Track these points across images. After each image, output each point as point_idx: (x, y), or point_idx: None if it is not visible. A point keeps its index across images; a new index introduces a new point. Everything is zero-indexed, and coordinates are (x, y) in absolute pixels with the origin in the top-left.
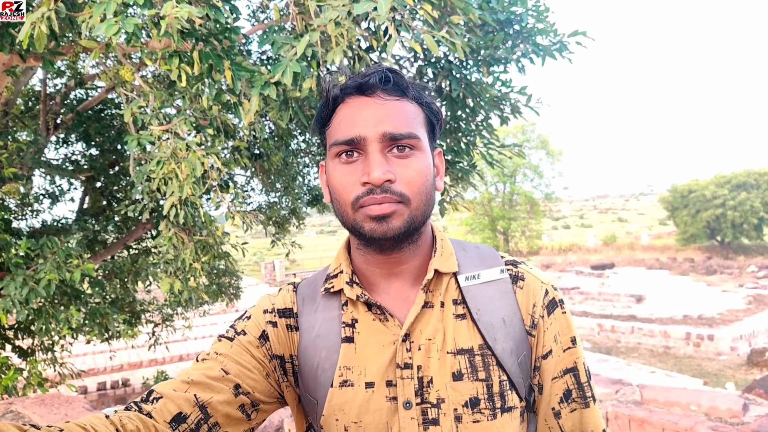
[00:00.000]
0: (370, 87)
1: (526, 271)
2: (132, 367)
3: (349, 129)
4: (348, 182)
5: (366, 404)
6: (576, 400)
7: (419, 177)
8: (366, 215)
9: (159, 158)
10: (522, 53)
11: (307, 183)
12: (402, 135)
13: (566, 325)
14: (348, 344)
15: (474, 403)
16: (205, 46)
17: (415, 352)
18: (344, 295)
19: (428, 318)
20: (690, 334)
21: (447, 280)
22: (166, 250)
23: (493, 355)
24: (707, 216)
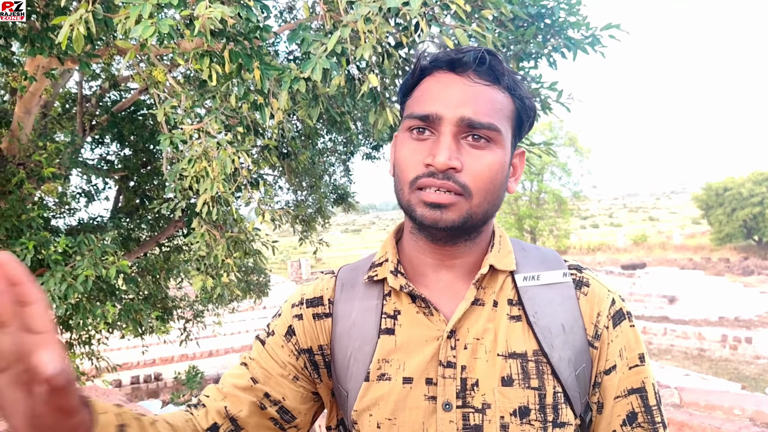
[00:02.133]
0: (463, 65)
1: (592, 277)
2: (164, 361)
3: (428, 104)
4: (413, 160)
5: (403, 400)
6: (642, 425)
7: (489, 172)
8: (420, 199)
9: (191, 157)
10: (553, 48)
11: (333, 182)
12: (481, 124)
13: (634, 340)
14: (388, 336)
15: (523, 412)
16: (235, 45)
17: (460, 351)
18: (387, 285)
19: (477, 316)
20: (726, 337)
21: (503, 278)
22: (199, 247)
23: (549, 363)
24: (744, 214)
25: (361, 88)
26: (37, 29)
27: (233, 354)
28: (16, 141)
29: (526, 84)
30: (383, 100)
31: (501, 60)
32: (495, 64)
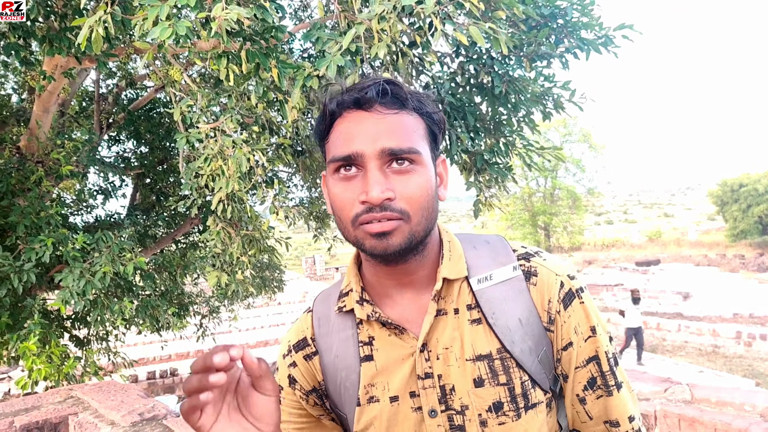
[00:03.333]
0: (368, 101)
1: (539, 264)
2: (179, 357)
3: (347, 145)
4: (347, 199)
5: (394, 417)
6: (601, 387)
7: (420, 192)
8: (366, 232)
9: (207, 155)
10: (566, 48)
11: None
12: (402, 150)
13: (585, 316)
14: (368, 363)
15: (498, 407)
16: (252, 45)
17: (434, 362)
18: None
19: (443, 326)
20: (741, 333)
21: (458, 285)
22: (214, 245)
23: (512, 357)
24: (759, 211)
25: None
26: (55, 29)
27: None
28: (34, 139)
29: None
30: None
31: (401, 85)
32: (397, 92)
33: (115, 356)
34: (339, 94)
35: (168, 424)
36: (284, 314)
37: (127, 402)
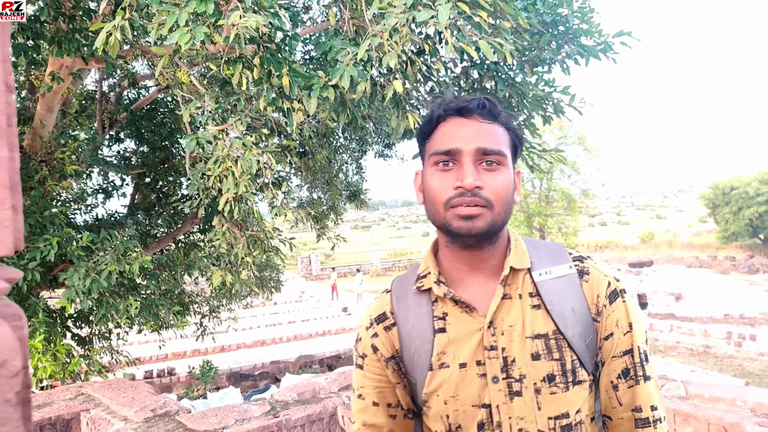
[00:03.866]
0: (469, 111)
1: (591, 266)
2: (176, 356)
3: (448, 142)
4: (443, 186)
5: (461, 381)
6: (632, 377)
7: (503, 187)
8: (455, 214)
9: (216, 157)
10: (567, 54)
11: (346, 179)
12: (492, 151)
13: (626, 313)
14: (441, 334)
15: (551, 378)
16: (265, 52)
17: (498, 337)
18: (433, 294)
19: (508, 308)
20: (731, 334)
21: (522, 275)
22: (220, 245)
23: (565, 338)
24: (750, 213)
25: (386, 94)
26: (63, 31)
27: (245, 349)
28: (38, 138)
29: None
30: (405, 105)
31: (496, 104)
32: (492, 108)
33: (117, 354)
34: (446, 103)
35: (181, 419)
36: (281, 314)
37: (138, 399)
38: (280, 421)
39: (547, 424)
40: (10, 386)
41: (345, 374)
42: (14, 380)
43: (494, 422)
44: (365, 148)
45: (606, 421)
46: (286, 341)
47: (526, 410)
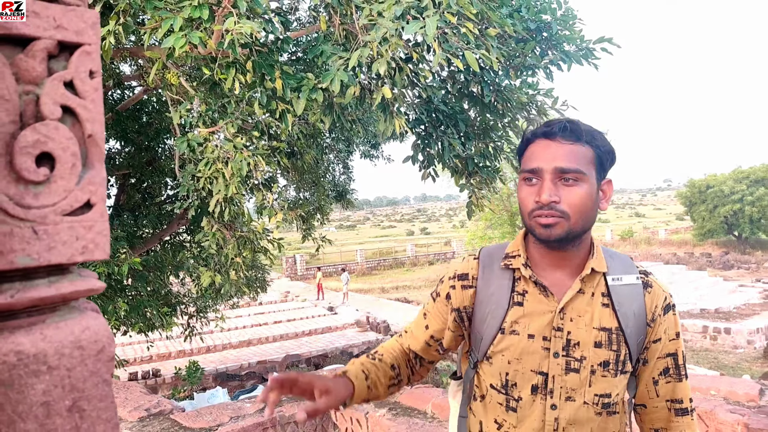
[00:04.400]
0: (553, 134)
1: (654, 281)
2: (161, 358)
3: (533, 162)
4: (527, 199)
5: (527, 348)
6: (672, 376)
7: (579, 201)
8: (537, 222)
9: (207, 159)
10: (550, 60)
11: (333, 179)
12: (569, 170)
13: (674, 324)
14: (518, 306)
15: (605, 364)
16: (258, 56)
17: (566, 322)
18: (519, 272)
19: (580, 301)
20: (707, 328)
21: (599, 277)
22: (209, 245)
23: (623, 335)
24: (725, 211)
25: (375, 98)
26: None
27: (231, 350)
28: None
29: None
30: (393, 110)
31: (578, 124)
32: (574, 129)
33: None
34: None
35: (175, 418)
36: (266, 314)
37: (131, 399)
38: (274, 417)
39: (593, 399)
40: (107, 368)
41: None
42: (110, 364)
43: (547, 388)
44: (352, 149)
45: (640, 409)
46: (273, 341)
47: (578, 384)
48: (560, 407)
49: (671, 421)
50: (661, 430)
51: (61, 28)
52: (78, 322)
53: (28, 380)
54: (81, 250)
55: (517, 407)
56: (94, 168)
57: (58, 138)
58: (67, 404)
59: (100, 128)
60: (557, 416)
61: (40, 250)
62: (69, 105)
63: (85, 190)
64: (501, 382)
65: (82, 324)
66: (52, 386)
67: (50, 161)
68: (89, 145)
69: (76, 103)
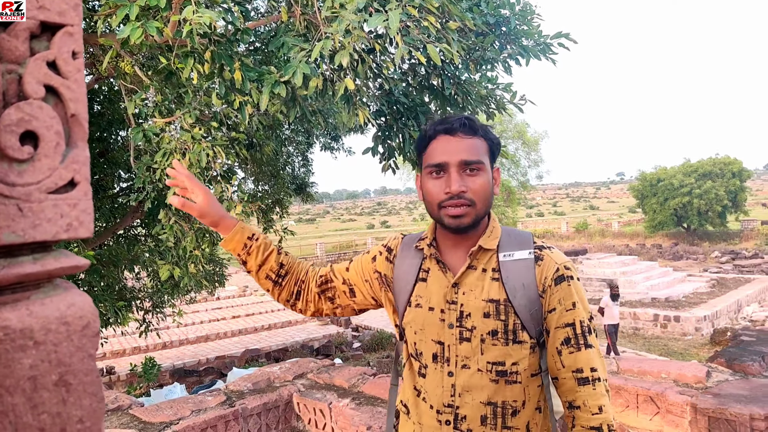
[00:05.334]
0: (453, 129)
1: (548, 254)
2: (115, 355)
3: (439, 156)
4: (435, 191)
5: (428, 319)
6: (573, 346)
7: (482, 188)
8: (446, 214)
9: (165, 150)
10: (509, 54)
11: (292, 172)
12: (472, 161)
13: (569, 294)
14: (422, 282)
15: (494, 333)
16: (217, 47)
17: (459, 295)
18: (425, 252)
19: (473, 276)
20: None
21: (491, 254)
22: (167, 238)
23: (512, 306)
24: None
25: (337, 90)
26: None
27: (188, 345)
28: None
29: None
30: (356, 102)
31: (475, 120)
32: (471, 125)
33: None
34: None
35: (134, 413)
36: (224, 309)
37: None
38: (237, 410)
39: (486, 366)
40: (92, 344)
41: (299, 363)
42: (95, 339)
43: (444, 356)
44: (312, 141)
45: (555, 382)
46: (231, 336)
47: (470, 352)
48: (456, 374)
49: (576, 392)
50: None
51: (43, 8)
52: (63, 299)
53: (14, 355)
54: (65, 228)
55: (425, 374)
56: (78, 147)
57: (41, 117)
58: (54, 378)
59: (83, 108)
60: (454, 382)
61: (25, 227)
62: (52, 84)
63: (69, 168)
64: (412, 351)
65: (67, 300)
66: (39, 361)
67: (34, 140)
68: (72, 124)
69: (59, 82)
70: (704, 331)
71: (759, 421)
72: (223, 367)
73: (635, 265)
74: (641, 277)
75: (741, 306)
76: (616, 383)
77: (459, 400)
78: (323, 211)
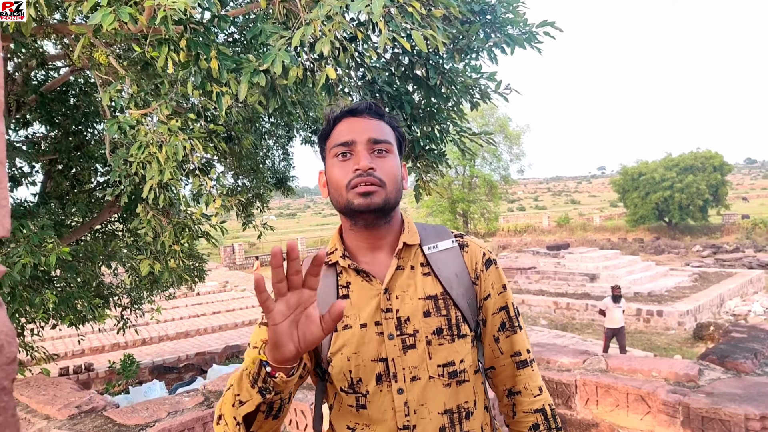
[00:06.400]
0: (360, 111)
1: (469, 240)
2: (94, 351)
3: (345, 135)
4: (343, 172)
5: (362, 338)
6: (509, 329)
7: (392, 170)
8: (356, 193)
9: (140, 142)
10: (494, 43)
11: (272, 166)
12: (381, 140)
13: (499, 277)
14: (344, 299)
15: (439, 331)
16: (193, 34)
17: (393, 300)
18: (339, 266)
19: (401, 276)
20: (641, 311)
21: (414, 249)
22: (145, 233)
23: (451, 298)
24: (656, 198)
25: (318, 80)
26: None
27: (168, 342)
28: None
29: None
30: (337, 92)
31: (381, 107)
32: (378, 109)
33: (32, 351)
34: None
35: (109, 415)
36: (204, 305)
37: (60, 396)
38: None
39: (437, 371)
40: (6, 373)
41: None
42: (10, 367)
43: (390, 373)
44: (292, 134)
45: (490, 372)
46: (212, 332)
47: (418, 360)
48: (407, 389)
49: (516, 377)
50: (512, 388)
51: None
52: None
53: None
54: None
55: (366, 403)
56: None
57: None
58: None
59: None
60: (406, 399)
61: None
62: None
63: None
64: (348, 383)
65: None
66: None
67: None
68: None
69: None
70: (687, 325)
71: (754, 421)
72: (204, 364)
73: (617, 259)
74: (624, 272)
75: (723, 300)
76: (605, 382)
77: (415, 417)
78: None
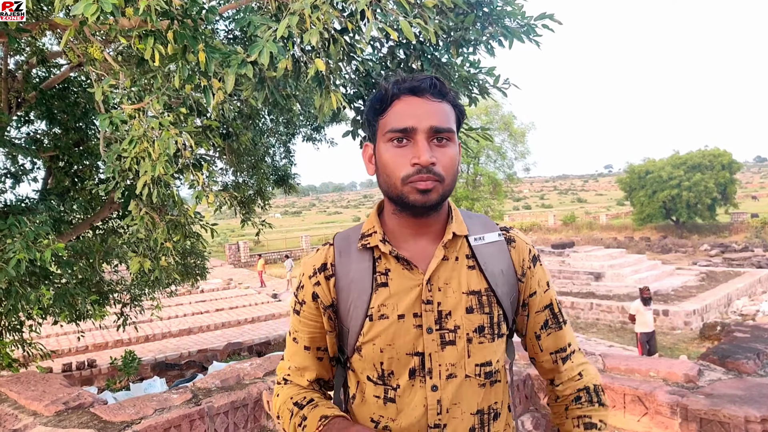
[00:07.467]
0: (421, 90)
1: (516, 235)
2: (97, 348)
3: (404, 120)
4: (399, 162)
5: (398, 330)
6: (552, 327)
7: (452, 162)
8: (413, 188)
9: (132, 137)
10: (491, 35)
11: (273, 163)
12: (443, 129)
13: (544, 274)
14: (383, 288)
15: (481, 329)
16: (180, 26)
17: (435, 292)
18: (378, 250)
19: (446, 268)
20: None
21: (461, 240)
22: (137, 230)
23: (495, 296)
24: (663, 196)
25: (308, 72)
26: None
27: (171, 338)
28: None
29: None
30: (328, 84)
31: (444, 82)
32: (442, 87)
33: (30, 347)
34: (399, 82)
35: (95, 411)
36: (208, 302)
37: (49, 392)
38: (202, 408)
39: (474, 370)
40: None
41: (270, 359)
42: None
43: (425, 369)
44: (293, 131)
45: (532, 361)
46: (214, 329)
47: (456, 357)
48: (441, 387)
49: (559, 372)
50: (553, 379)
51: None
52: None
53: None
54: None
55: (395, 397)
56: None
57: None
58: None
59: None
60: (440, 398)
61: None
62: None
63: None
64: (377, 374)
65: None
66: None
67: None
68: None
69: None
70: (693, 325)
71: (754, 424)
72: (205, 361)
73: (623, 258)
74: (629, 271)
75: (731, 300)
76: (602, 382)
77: (447, 416)
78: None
